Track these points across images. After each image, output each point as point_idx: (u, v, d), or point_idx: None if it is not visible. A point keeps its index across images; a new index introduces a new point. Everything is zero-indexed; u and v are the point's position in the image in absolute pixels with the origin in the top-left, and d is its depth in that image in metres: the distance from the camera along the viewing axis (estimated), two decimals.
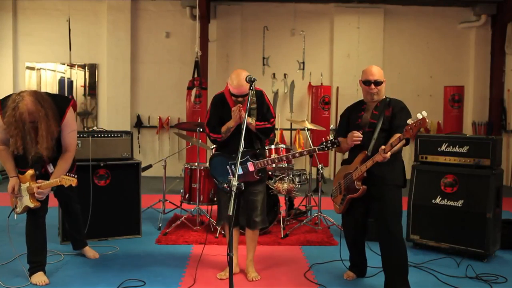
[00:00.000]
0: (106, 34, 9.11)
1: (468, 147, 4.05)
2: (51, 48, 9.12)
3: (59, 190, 3.51)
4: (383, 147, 2.96)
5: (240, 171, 3.23)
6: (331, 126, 8.72)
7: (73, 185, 3.09)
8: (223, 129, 3.33)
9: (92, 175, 4.32)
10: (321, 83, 9.03)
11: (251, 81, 2.92)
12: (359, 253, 3.50)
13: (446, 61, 9.38)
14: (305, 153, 3.35)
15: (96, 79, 9.30)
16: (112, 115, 9.14)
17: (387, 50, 9.30)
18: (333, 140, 3.20)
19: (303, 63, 9.31)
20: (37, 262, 3.36)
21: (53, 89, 9.15)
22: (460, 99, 8.35)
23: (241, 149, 2.58)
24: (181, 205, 5.17)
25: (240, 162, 3.17)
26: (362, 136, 3.17)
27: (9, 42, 9.08)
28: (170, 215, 5.37)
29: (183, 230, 4.74)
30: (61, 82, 9.25)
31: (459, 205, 4.03)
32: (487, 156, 3.95)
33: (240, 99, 3.25)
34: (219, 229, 4.49)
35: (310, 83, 9.20)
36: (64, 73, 9.26)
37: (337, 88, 9.22)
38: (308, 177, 5.25)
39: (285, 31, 9.31)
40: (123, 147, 4.57)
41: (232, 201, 2.30)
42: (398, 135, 2.94)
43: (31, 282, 3.28)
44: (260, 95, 3.37)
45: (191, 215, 5.05)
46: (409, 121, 2.81)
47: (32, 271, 3.34)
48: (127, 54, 9.11)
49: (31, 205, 3.25)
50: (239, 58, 9.26)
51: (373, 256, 3.61)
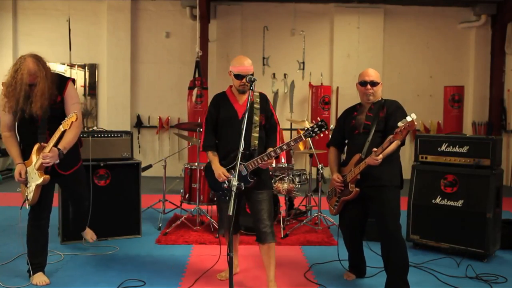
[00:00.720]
0: (106, 34, 9.11)
1: (468, 147, 4.05)
2: (51, 48, 9.10)
3: (72, 190, 3.57)
4: (375, 149, 2.99)
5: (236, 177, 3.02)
6: (331, 126, 8.71)
7: (73, 120, 3.01)
8: (209, 156, 3.17)
9: (92, 175, 4.32)
10: (321, 83, 9.03)
11: (251, 81, 2.90)
12: (357, 253, 3.50)
13: (446, 61, 9.39)
14: (292, 143, 2.95)
15: (96, 79, 9.30)
16: (112, 115, 9.14)
17: (387, 50, 9.30)
18: (319, 123, 2.91)
19: (303, 63, 9.31)
20: (37, 264, 3.35)
21: None
22: (460, 99, 8.35)
23: (241, 149, 2.57)
24: (181, 205, 5.17)
25: (232, 167, 2.92)
26: (342, 183, 3.22)
27: (9, 42, 9.08)
28: (170, 215, 5.37)
29: (183, 230, 4.74)
30: None
31: (459, 205, 4.03)
32: (487, 156, 3.96)
33: (244, 80, 3.08)
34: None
35: (310, 83, 9.21)
36: (64, 73, 9.24)
37: (337, 88, 9.22)
38: (308, 177, 5.26)
39: (285, 31, 9.31)
40: (123, 147, 4.57)
41: (232, 201, 2.30)
42: (390, 137, 2.94)
43: (31, 283, 3.28)
44: (265, 98, 3.25)
45: (191, 215, 5.05)
46: (399, 124, 2.80)
47: (32, 272, 3.33)
48: (127, 54, 9.11)
49: (40, 180, 3.14)
50: None
51: (373, 256, 3.61)
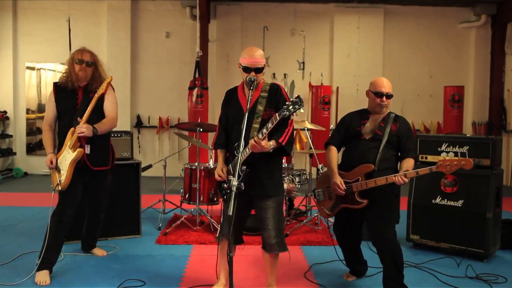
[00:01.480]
0: (106, 34, 9.11)
1: (468, 147, 4.05)
2: (51, 48, 9.12)
3: (94, 195, 3.64)
4: (404, 170, 2.97)
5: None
6: (331, 126, 8.72)
7: (108, 81, 3.33)
8: (219, 158, 3.06)
9: None
10: (321, 83, 9.03)
11: (251, 81, 2.88)
12: (354, 255, 3.49)
13: (446, 61, 9.39)
14: (269, 125, 2.69)
15: None
16: None
17: (387, 50, 9.30)
18: (294, 99, 2.63)
19: (303, 63, 9.31)
20: (47, 259, 3.35)
21: None
22: (460, 99, 8.35)
23: (241, 149, 2.57)
24: (181, 205, 5.17)
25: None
26: (344, 191, 3.13)
27: (9, 42, 9.08)
28: (170, 215, 5.37)
29: (183, 230, 4.74)
30: None
31: (459, 205, 4.03)
32: (487, 156, 3.96)
33: (253, 74, 2.88)
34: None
35: (310, 83, 9.21)
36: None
37: (337, 88, 9.23)
38: (308, 177, 5.26)
39: (285, 31, 9.32)
40: (123, 147, 4.57)
41: (232, 201, 2.30)
42: (433, 167, 2.93)
43: (34, 279, 3.28)
44: (275, 89, 2.97)
45: (191, 215, 5.05)
46: (452, 157, 2.78)
47: (40, 267, 3.32)
48: (127, 54, 9.11)
49: (73, 154, 3.29)
50: (239, 58, 9.18)
51: (373, 256, 3.60)
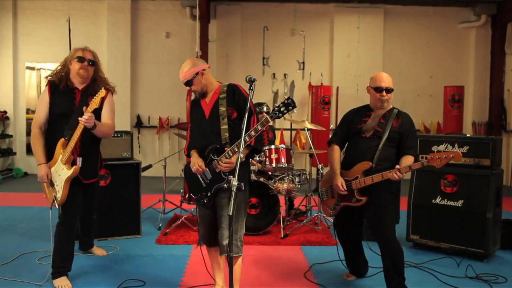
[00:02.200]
0: (106, 34, 9.12)
1: (468, 147, 4.05)
2: (51, 48, 9.11)
3: (87, 201, 3.57)
4: (398, 166, 2.92)
5: (209, 175, 2.88)
6: (331, 126, 8.73)
7: (103, 95, 3.15)
8: (192, 156, 2.97)
9: None
10: (321, 83, 9.03)
11: (251, 81, 2.85)
12: (355, 254, 3.48)
13: (446, 61, 9.39)
14: (259, 127, 2.67)
15: None
16: None
17: (387, 50, 9.30)
18: (286, 101, 2.57)
19: (303, 63, 9.31)
20: (63, 267, 3.31)
21: None
22: (460, 99, 8.35)
23: (241, 149, 2.56)
24: (181, 205, 5.17)
25: (208, 162, 2.86)
26: (346, 191, 3.11)
27: (9, 42, 9.08)
28: (170, 215, 5.37)
29: (183, 230, 4.74)
30: None
31: (459, 205, 4.03)
32: (487, 156, 3.95)
33: (188, 88, 3.11)
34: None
35: (310, 83, 9.21)
36: None
37: (337, 88, 9.22)
38: (308, 177, 5.25)
39: (285, 31, 9.32)
40: (123, 147, 4.57)
41: (232, 201, 2.29)
42: (424, 161, 2.88)
43: (53, 285, 3.26)
44: (233, 89, 2.97)
45: (191, 215, 5.05)
46: (441, 151, 2.74)
47: (56, 276, 3.28)
48: (127, 54, 9.12)
49: (70, 172, 3.15)
50: (239, 58, 9.27)
51: (373, 256, 3.61)
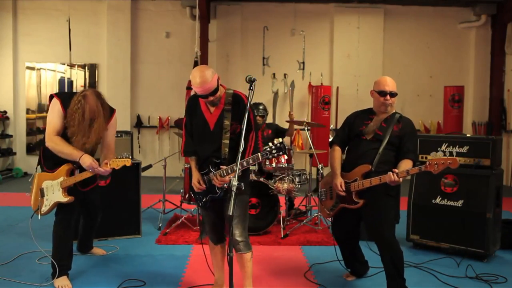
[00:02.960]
0: (106, 34, 9.12)
1: (468, 147, 4.05)
2: (51, 48, 9.12)
3: (91, 203, 3.61)
4: (396, 170, 2.90)
5: (206, 184, 2.92)
6: (331, 126, 8.73)
7: (127, 165, 3.23)
8: (190, 162, 3.00)
9: None
10: (321, 83, 9.04)
11: (251, 81, 2.83)
12: (351, 255, 3.48)
13: (446, 61, 9.39)
14: (250, 161, 2.69)
15: (96, 79, 9.30)
16: None
17: (387, 50, 9.30)
18: (278, 145, 2.66)
19: (303, 63, 9.31)
20: (63, 266, 3.32)
21: (53, 89, 9.16)
22: (460, 99, 8.36)
23: (241, 149, 2.56)
24: (181, 205, 5.17)
25: (205, 173, 2.91)
26: (344, 192, 3.13)
27: (9, 42, 9.09)
28: (170, 215, 5.37)
29: (183, 230, 4.74)
30: (61, 82, 9.25)
31: (459, 205, 4.03)
32: (487, 156, 3.95)
33: (211, 98, 2.78)
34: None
35: (310, 83, 9.21)
36: (64, 73, 9.26)
37: (337, 88, 9.22)
38: (308, 177, 5.25)
39: (285, 31, 9.32)
40: (123, 147, 4.57)
41: (232, 201, 2.29)
42: (422, 167, 2.86)
43: (53, 285, 3.26)
44: (238, 100, 2.85)
45: (191, 215, 5.05)
46: (440, 157, 2.75)
47: (58, 274, 3.28)
48: (127, 54, 9.12)
49: (65, 199, 3.24)
50: (239, 58, 9.27)
51: (373, 256, 3.61)
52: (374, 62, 9.17)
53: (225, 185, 2.80)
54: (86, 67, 9.27)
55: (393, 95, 3.16)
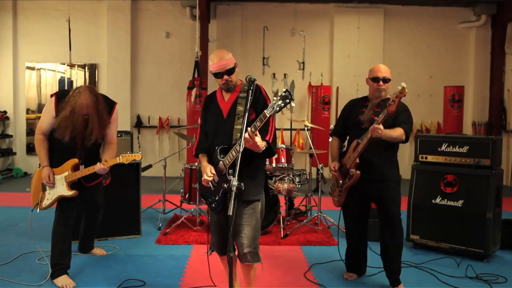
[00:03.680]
0: (106, 34, 9.11)
1: (468, 147, 4.05)
2: (51, 48, 9.12)
3: (92, 201, 3.62)
4: (375, 124, 2.98)
5: (216, 178, 2.70)
6: (331, 126, 8.71)
7: (138, 159, 3.29)
8: (200, 159, 2.86)
9: None
10: (321, 83, 9.03)
11: (251, 81, 2.82)
12: (360, 251, 3.49)
13: (446, 61, 9.39)
14: (257, 124, 2.52)
15: (96, 79, 9.30)
16: None
17: (387, 50, 9.30)
18: (283, 94, 2.50)
19: (303, 63, 9.31)
20: (62, 265, 3.33)
21: (53, 89, 9.15)
22: (460, 99, 8.35)
23: (241, 149, 2.54)
24: (181, 205, 5.17)
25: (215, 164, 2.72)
26: (337, 171, 3.33)
27: (9, 42, 9.08)
28: (170, 215, 5.37)
29: (183, 230, 4.74)
30: (61, 82, 9.25)
31: (459, 205, 4.03)
32: (487, 156, 3.96)
33: (226, 77, 2.72)
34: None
35: (310, 83, 9.21)
36: (64, 73, 9.26)
37: (337, 88, 9.22)
38: (308, 177, 5.26)
39: (285, 31, 9.31)
40: (123, 147, 4.58)
41: (232, 201, 2.29)
42: (384, 110, 2.96)
43: (56, 286, 3.26)
44: (256, 86, 2.76)
45: (191, 215, 5.05)
46: (391, 95, 2.90)
47: (56, 274, 3.30)
48: (127, 54, 9.11)
49: (69, 193, 3.29)
50: (239, 58, 9.25)
51: (373, 256, 3.60)
52: (374, 62, 9.03)
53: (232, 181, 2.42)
54: (86, 67, 9.27)
55: (386, 80, 3.26)
